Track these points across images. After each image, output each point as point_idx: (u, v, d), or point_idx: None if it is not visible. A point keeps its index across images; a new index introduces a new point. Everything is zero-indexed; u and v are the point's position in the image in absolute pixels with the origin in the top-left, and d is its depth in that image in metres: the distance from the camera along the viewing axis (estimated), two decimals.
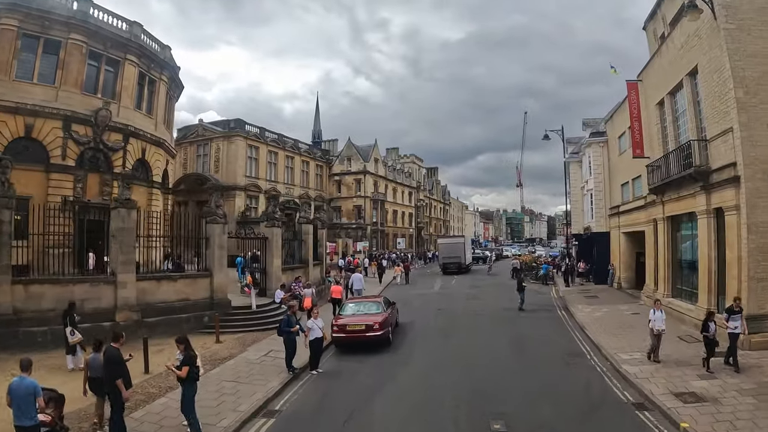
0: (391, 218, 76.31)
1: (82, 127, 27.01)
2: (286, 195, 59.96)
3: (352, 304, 20.44)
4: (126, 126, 29.08)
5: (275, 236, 25.82)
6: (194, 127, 57.10)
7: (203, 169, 54.42)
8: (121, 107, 29.10)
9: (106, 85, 28.69)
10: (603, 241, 36.80)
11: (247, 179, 54.26)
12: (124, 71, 29.36)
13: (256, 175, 55.87)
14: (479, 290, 36.33)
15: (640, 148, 26.76)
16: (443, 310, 27.30)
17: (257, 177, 55.88)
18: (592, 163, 38.41)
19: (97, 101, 27.69)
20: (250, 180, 54.62)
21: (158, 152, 32.91)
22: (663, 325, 15.50)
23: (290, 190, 60.80)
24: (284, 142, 60.98)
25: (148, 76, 31.57)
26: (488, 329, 22.00)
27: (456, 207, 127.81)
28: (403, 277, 43.39)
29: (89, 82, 27.80)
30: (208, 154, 54.70)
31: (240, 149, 53.81)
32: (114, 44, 28.58)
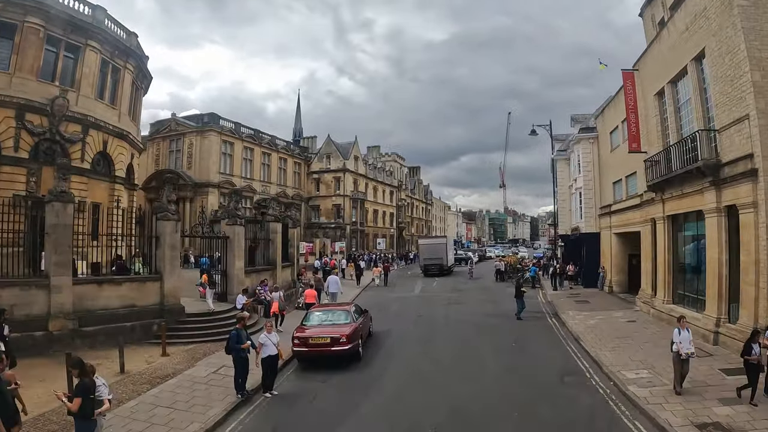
0: (371, 218, 74.03)
1: (37, 117, 24.79)
2: (263, 193, 57.52)
3: (318, 313, 18.01)
4: (85, 116, 26.85)
5: (237, 235, 23.39)
6: (167, 122, 54.60)
7: (176, 165, 52.01)
8: (81, 96, 26.82)
9: (65, 73, 26.44)
10: (593, 243, 34.83)
11: (221, 176, 51.94)
12: (85, 58, 27.01)
13: (231, 172, 53.60)
14: (462, 294, 34.17)
15: (637, 142, 24.78)
16: (423, 316, 25.10)
17: (232, 174, 53.60)
18: (581, 160, 36.43)
19: (54, 89, 25.44)
20: (224, 177, 52.28)
21: (122, 145, 30.52)
22: (692, 347, 12.65)
23: (266, 188, 58.45)
24: (261, 138, 58.64)
25: (111, 63, 29.20)
26: (472, 340, 19.71)
27: (438, 207, 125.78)
28: (382, 279, 41.32)
29: (47, 68, 25.52)
30: (181, 149, 52.23)
31: (214, 145, 51.47)
32: (75, 29, 26.25)
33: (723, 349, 16.16)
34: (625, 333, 19.41)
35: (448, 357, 17.00)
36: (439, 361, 16.44)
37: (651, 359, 15.33)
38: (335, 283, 28.28)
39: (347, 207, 66.65)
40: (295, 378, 15.31)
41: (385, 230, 79.43)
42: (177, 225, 20.28)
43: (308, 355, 16.08)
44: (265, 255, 26.97)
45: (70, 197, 17.58)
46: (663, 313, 21.31)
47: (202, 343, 18.59)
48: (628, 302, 27.17)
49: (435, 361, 16.56)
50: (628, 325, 20.91)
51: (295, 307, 24.18)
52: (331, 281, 28.51)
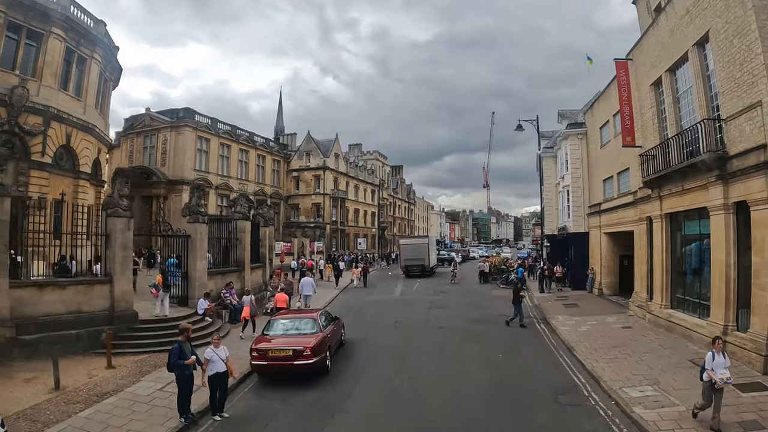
0: (352, 217, 72.04)
1: None
2: (240, 191, 55.30)
3: (281, 321, 16.01)
4: (47, 107, 24.96)
5: (199, 234, 21.42)
6: (141, 117, 52.22)
7: (150, 161, 49.75)
8: (43, 86, 24.95)
9: (26, 61, 24.63)
10: (581, 243, 33.31)
11: (196, 173, 49.70)
12: (48, 46, 25.14)
13: (206, 169, 51.34)
14: (444, 297, 32.40)
15: (631, 135, 23.23)
16: (401, 322, 23.23)
17: (207, 171, 51.35)
18: (569, 157, 34.86)
19: (13, 78, 23.59)
20: (199, 174, 50.04)
21: (87, 139, 28.55)
22: (728, 372, 10.31)
23: (244, 186, 56.25)
24: (238, 134, 56.47)
25: (77, 53, 27.25)
26: (454, 349, 17.85)
27: (421, 207, 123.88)
28: (361, 280, 39.72)
29: (7, 56, 23.70)
30: (156, 145, 50.00)
31: (189, 141, 49.20)
32: (37, 15, 24.37)
33: (733, 360, 14.50)
34: (622, 341, 17.77)
35: (427, 371, 15.13)
36: (416, 377, 14.59)
37: (654, 373, 13.70)
38: (309, 285, 26.54)
39: (327, 206, 64.62)
40: (252, 396, 13.42)
41: (367, 230, 77.54)
42: (129, 222, 18.26)
43: (268, 369, 14.23)
44: (233, 255, 25.01)
45: (5, 190, 15.60)
46: (661, 319, 19.75)
47: (155, 353, 16.70)
48: (621, 306, 25.64)
49: (412, 376, 14.71)
50: (623, 333, 19.28)
51: (263, 313, 22.25)
52: (305, 283, 26.78)
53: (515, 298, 22.53)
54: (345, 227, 68.46)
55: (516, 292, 22.94)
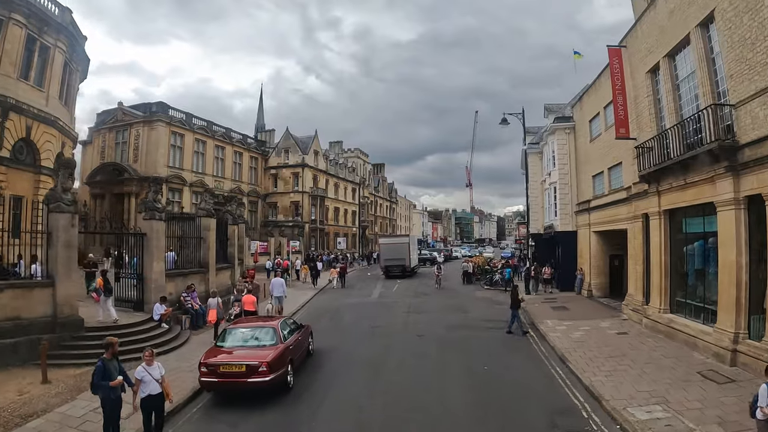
0: (332, 216, 70.06)
1: None
2: (216, 189, 53.35)
3: (237, 331, 14.11)
4: (5, 98, 23.06)
5: (156, 232, 19.41)
6: (113, 111, 49.85)
7: (122, 158, 47.55)
8: (0, 75, 23.06)
9: None
10: (569, 242, 31.79)
11: (169, 170, 47.57)
12: (7, 33, 23.22)
13: (181, 166, 49.25)
14: (425, 299, 30.61)
15: (625, 127, 21.66)
16: (379, 328, 21.35)
17: (182, 168, 49.25)
18: (556, 152, 33.33)
19: None
20: (173, 171, 47.95)
21: (50, 132, 26.53)
22: None
23: (220, 184, 54.28)
24: (214, 130, 54.35)
25: (39, 41, 25.27)
26: (435, 360, 16.02)
27: (403, 206, 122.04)
28: (339, 281, 38.15)
29: None
30: (128, 141, 47.80)
31: (162, 136, 47.07)
32: None
33: (745, 373, 12.98)
34: (619, 350, 16.12)
35: (403, 388, 13.28)
36: (392, 395, 12.75)
37: (661, 388, 12.07)
38: (280, 286, 24.82)
39: (306, 204, 62.65)
40: (201, 418, 11.55)
41: (347, 229, 75.64)
42: (74, 218, 16.28)
43: (219, 387, 12.38)
44: (196, 256, 23.06)
45: None
46: (660, 324, 18.18)
47: None
48: (612, 309, 24.13)
49: (387, 394, 12.88)
50: (620, 340, 17.65)
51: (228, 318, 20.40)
52: (275, 284, 25.05)
53: (513, 303, 20.48)
54: (324, 226, 66.51)
55: (514, 297, 20.82)
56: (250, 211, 60.24)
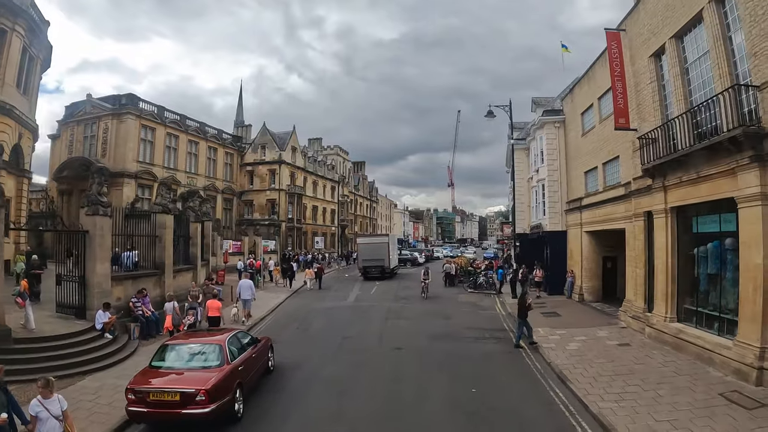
0: (310, 215, 67.56)
1: None
2: (188, 185, 50.78)
3: (177, 348, 11.79)
4: None
5: (100, 230, 17.04)
6: (82, 104, 46.90)
7: (90, 152, 44.77)
8: None
9: None
10: (558, 243, 29.96)
11: (139, 165, 44.92)
12: None
13: (151, 161, 46.56)
14: (405, 304, 28.45)
15: (625, 116, 19.78)
16: (351, 339, 19.05)
17: (152, 163, 46.57)
18: (545, 147, 31.44)
19: None
20: (143, 166, 45.28)
21: (4, 122, 24.26)
22: None
23: (193, 181, 51.68)
24: (187, 124, 51.71)
25: None
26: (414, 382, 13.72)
27: (384, 205, 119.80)
28: (315, 283, 36.05)
29: None
30: (96, 135, 45.07)
31: (131, 130, 44.33)
32: None
33: None
34: (625, 366, 14.15)
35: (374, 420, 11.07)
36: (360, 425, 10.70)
37: (683, 417, 10.16)
38: (248, 289, 22.79)
39: (283, 202, 60.17)
40: None
41: (326, 228, 73.23)
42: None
43: (149, 418, 10.16)
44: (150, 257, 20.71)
45: None
46: (665, 334, 16.29)
47: (28, 382, 12.46)
48: (608, 315, 22.30)
49: (352, 426, 10.75)
50: (623, 353, 15.68)
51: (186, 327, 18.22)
52: (243, 286, 23.00)
53: (521, 312, 17.95)
54: (302, 225, 64.00)
55: (522, 304, 18.25)
56: (225, 209, 57.81)
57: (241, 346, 12.38)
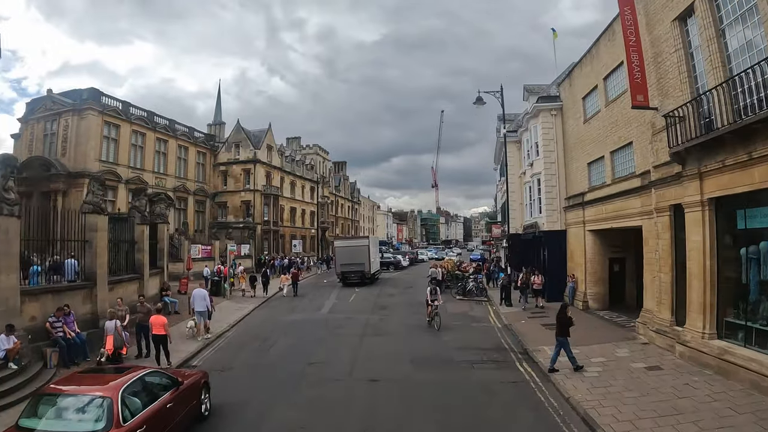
0: (287, 216, 63.85)
1: None
2: (157, 186, 47.19)
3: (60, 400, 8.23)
4: None
5: (3, 233, 13.52)
6: (42, 100, 43.23)
7: (50, 151, 41.08)
8: None
9: None
10: (557, 243, 26.95)
11: (101, 165, 41.16)
12: None
13: (115, 161, 42.80)
14: (386, 315, 25.14)
15: (644, 93, 16.73)
16: (317, 365, 15.48)
17: (116, 162, 42.82)
18: (540, 138, 28.36)
19: None
20: (106, 166, 41.56)
21: None
22: None
23: (161, 181, 48.08)
24: (155, 122, 48.04)
25: None
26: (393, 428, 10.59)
27: (367, 206, 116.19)
28: (290, 289, 32.95)
29: None
30: (57, 132, 41.37)
31: (93, 126, 40.61)
32: None
33: None
34: (667, 402, 10.93)
35: None
36: None
37: None
38: (201, 299, 19.71)
39: (258, 204, 56.40)
40: None
41: (305, 231, 69.57)
42: None
43: None
44: (80, 265, 17.19)
45: None
46: (705, 355, 13.21)
47: None
48: (621, 327, 19.33)
49: None
50: (657, 381, 12.48)
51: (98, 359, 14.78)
52: (196, 296, 19.91)
53: (562, 329, 14.21)
54: (279, 228, 60.25)
55: (562, 319, 14.28)
56: (197, 212, 54.16)
57: (150, 393, 8.95)
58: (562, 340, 14.13)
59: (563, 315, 14.33)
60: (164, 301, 23.28)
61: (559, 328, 14.28)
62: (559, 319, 14.36)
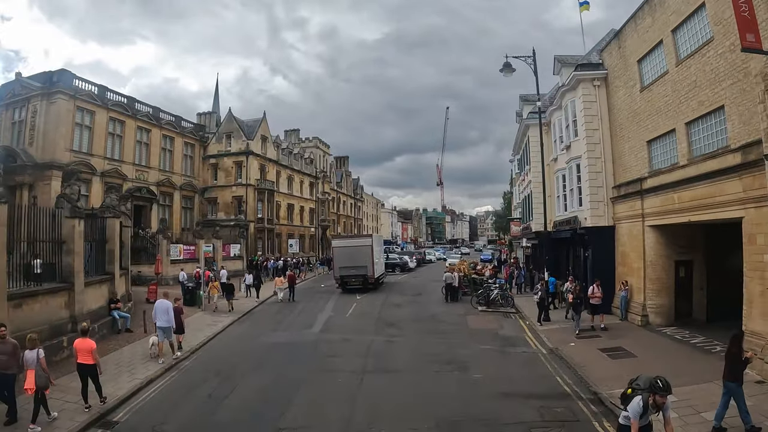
0: (284, 214, 58.66)
1: None
2: (138, 180, 42.44)
3: None
4: None
5: None
6: (11, 85, 38.47)
7: (18, 140, 36.43)
8: None
9: None
10: (602, 243, 22.00)
11: (73, 155, 36.55)
12: None
13: (89, 151, 38.13)
14: (393, 336, 19.64)
15: (754, 31, 11.82)
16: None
17: (90, 153, 38.15)
18: (581, 114, 23.38)
19: None
20: (78, 156, 36.96)
21: None
22: None
23: (143, 175, 43.37)
24: (136, 108, 43.23)
25: None
26: None
27: (371, 204, 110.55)
28: (286, 293, 29.72)
29: None
30: (25, 119, 36.61)
31: (63, 112, 35.99)
32: None
33: None
34: None
35: None
36: None
37: None
38: (163, 313, 15.72)
39: (251, 199, 51.31)
40: None
41: (304, 229, 64.37)
42: None
43: None
44: None
45: None
46: None
47: None
48: (703, 351, 14.61)
49: None
50: None
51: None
52: (158, 309, 15.86)
53: (732, 371, 9.35)
54: (275, 226, 55.23)
55: (734, 355, 9.46)
56: (184, 208, 49.52)
57: None
58: (733, 387, 9.22)
59: (737, 350, 9.48)
60: (112, 316, 18.50)
61: (729, 367, 9.42)
62: (730, 355, 9.51)
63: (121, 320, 18.76)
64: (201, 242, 39.93)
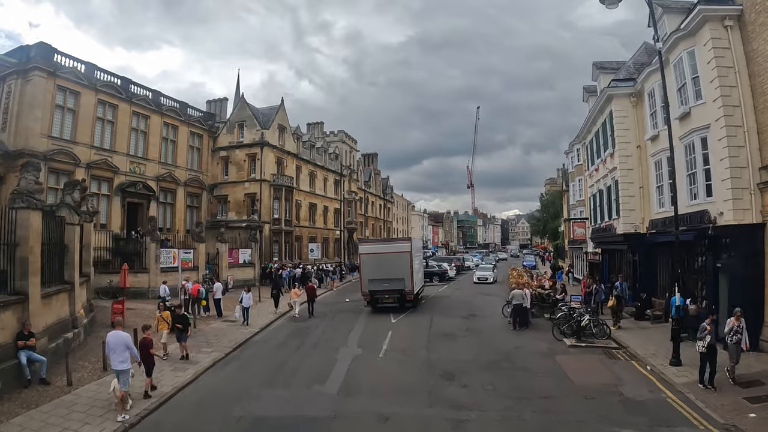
0: (305, 215, 52.02)
1: None
2: (132, 173, 36.30)
3: None
4: None
5: None
6: None
7: None
8: None
9: None
10: (741, 249, 15.08)
11: (50, 142, 30.34)
12: None
13: (72, 138, 31.90)
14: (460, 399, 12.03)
15: None
16: None
17: (74, 140, 31.96)
18: (710, 66, 16.48)
19: None
20: (57, 144, 30.78)
21: None
22: None
23: (139, 167, 37.14)
24: (131, 91, 37.08)
25: None
26: None
27: (401, 206, 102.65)
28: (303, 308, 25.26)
29: None
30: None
31: (40, 92, 29.83)
32: None
33: None
34: None
35: None
36: None
37: None
38: (121, 349, 11.19)
39: (266, 197, 45.08)
40: None
41: (328, 232, 57.65)
42: None
43: None
44: None
45: None
46: None
47: None
48: None
49: None
50: None
51: None
52: (111, 344, 11.35)
53: None
54: (293, 228, 48.78)
55: None
56: (189, 207, 43.14)
57: None
58: None
59: None
60: (18, 359, 12.11)
61: None
62: None
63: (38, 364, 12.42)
64: (201, 246, 33.66)
